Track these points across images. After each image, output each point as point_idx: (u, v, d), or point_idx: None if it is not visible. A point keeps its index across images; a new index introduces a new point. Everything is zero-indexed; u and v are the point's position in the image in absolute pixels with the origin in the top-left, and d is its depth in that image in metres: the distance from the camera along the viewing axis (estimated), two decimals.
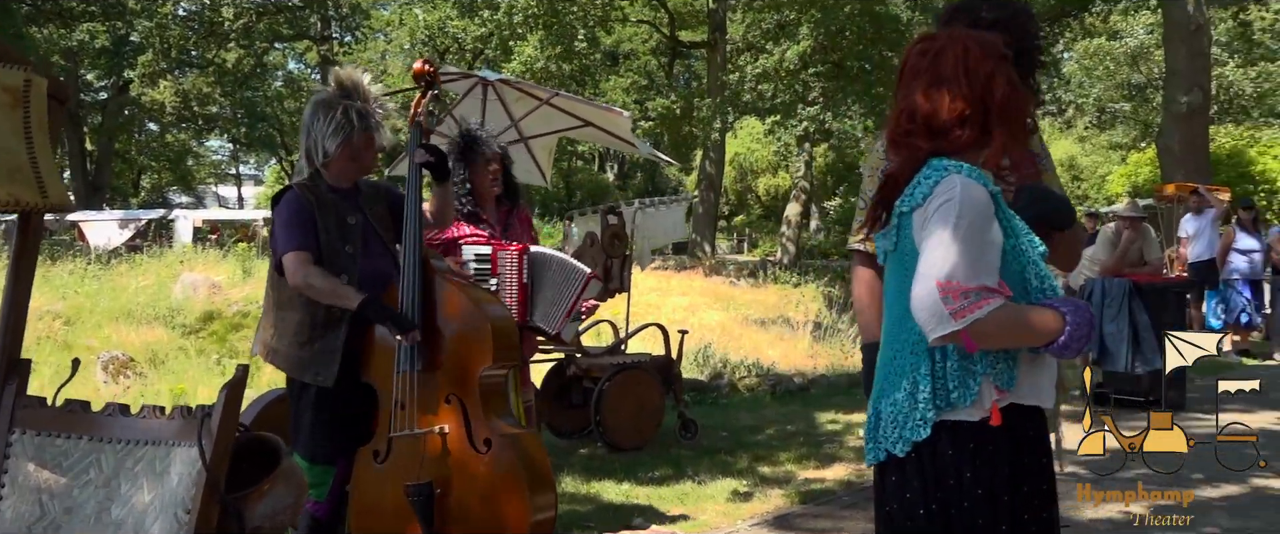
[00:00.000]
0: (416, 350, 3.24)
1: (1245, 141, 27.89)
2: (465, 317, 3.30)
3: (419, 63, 3.53)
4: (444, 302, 3.32)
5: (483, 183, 4.15)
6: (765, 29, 23.05)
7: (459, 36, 25.48)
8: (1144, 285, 7.59)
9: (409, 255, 3.29)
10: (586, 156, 43.51)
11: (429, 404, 3.23)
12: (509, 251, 4.09)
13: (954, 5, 2.54)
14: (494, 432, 3.16)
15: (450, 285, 3.36)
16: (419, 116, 3.47)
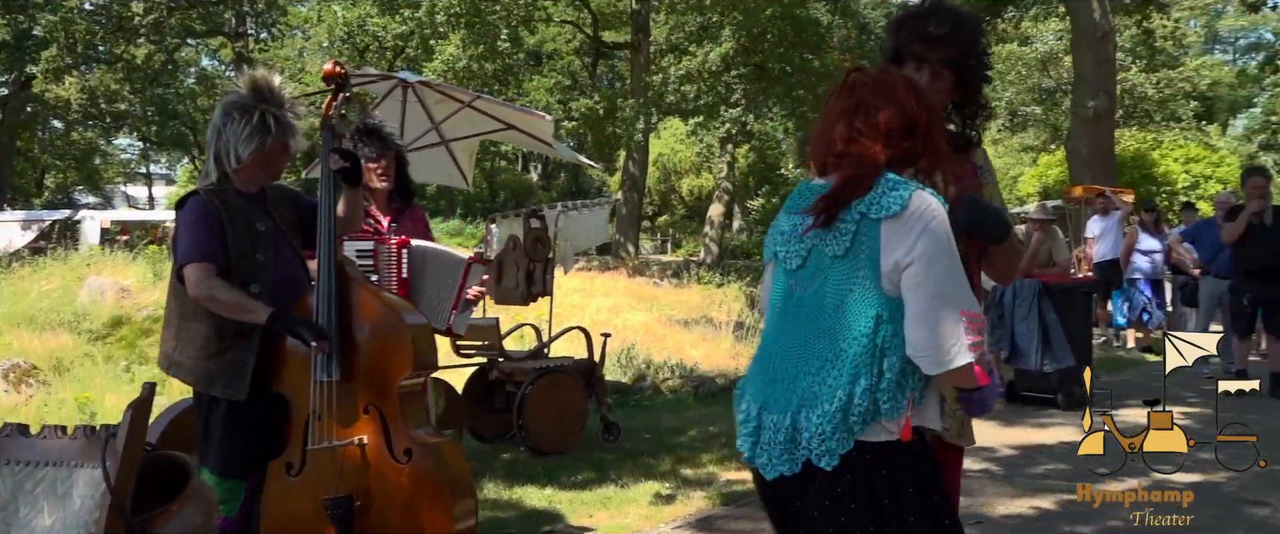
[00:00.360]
0: (334, 359, 3.17)
1: (1148, 144, 28.96)
2: (384, 325, 3.25)
3: (329, 64, 3.45)
4: (361, 309, 3.25)
5: (367, 176, 4.06)
6: (688, 31, 23.20)
7: (379, 35, 25.09)
8: (1053, 286, 7.82)
9: (324, 262, 3.22)
10: (510, 157, 43.27)
11: (347, 415, 3.17)
12: (388, 246, 4.03)
13: (900, 17, 2.53)
14: (414, 441, 3.13)
15: (367, 292, 3.30)
16: (331, 120, 3.39)
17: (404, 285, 4.03)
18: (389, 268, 4.03)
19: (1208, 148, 31.71)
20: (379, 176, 4.15)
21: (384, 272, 4.03)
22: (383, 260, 4.03)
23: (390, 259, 4.02)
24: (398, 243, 4.05)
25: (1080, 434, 6.77)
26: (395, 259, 4.03)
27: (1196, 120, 38.19)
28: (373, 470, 3.12)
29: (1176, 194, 24.92)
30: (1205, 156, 28.55)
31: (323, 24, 26.29)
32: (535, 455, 6.18)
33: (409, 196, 4.42)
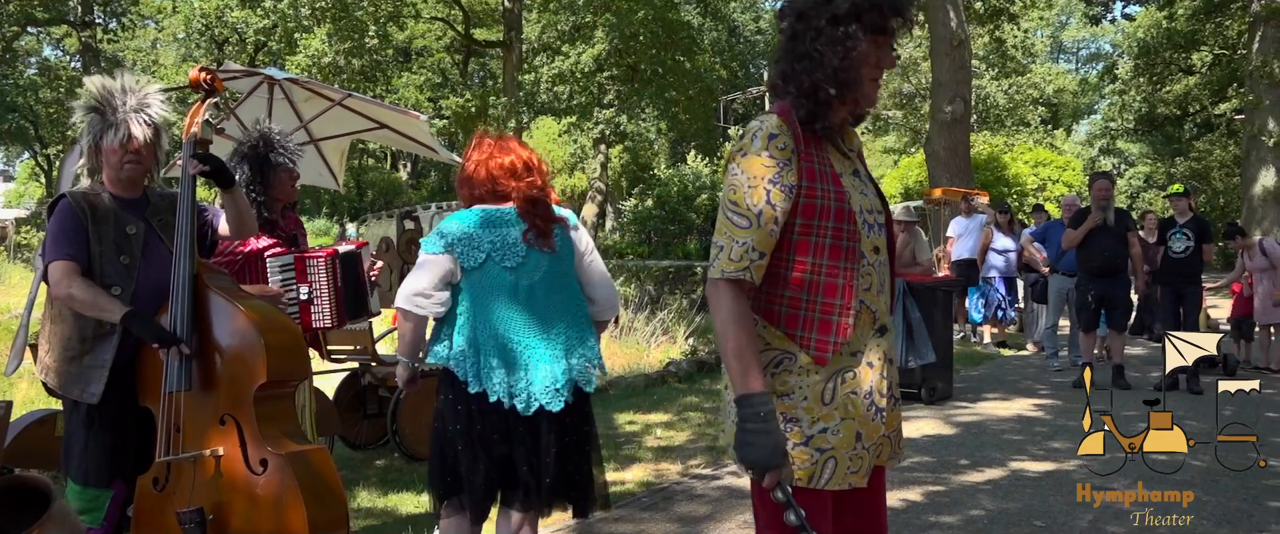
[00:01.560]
0: (187, 369, 3.08)
1: (1000, 148, 30.38)
2: (239, 332, 3.15)
3: (195, 71, 3.32)
4: (218, 316, 3.16)
5: (285, 191, 4.00)
6: (561, 31, 23.17)
7: (239, 27, 24.19)
8: (916, 285, 8.10)
9: (179, 268, 3.12)
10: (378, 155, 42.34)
11: (203, 426, 3.07)
12: (318, 259, 3.95)
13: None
14: (271, 451, 3.03)
15: (224, 299, 3.18)
16: (195, 129, 3.25)
17: (339, 293, 3.97)
18: (322, 279, 3.96)
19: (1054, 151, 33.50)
20: (293, 188, 4.07)
21: (317, 284, 3.96)
22: (313, 272, 3.97)
23: (323, 270, 3.98)
24: (326, 254, 3.98)
25: (944, 428, 7.08)
26: (330, 270, 4.03)
27: (1044, 126, 40.29)
28: (227, 482, 3.03)
29: (1026, 195, 26.22)
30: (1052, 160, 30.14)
31: (178, 15, 25.21)
32: (412, 461, 6.05)
33: (294, 205, 4.38)
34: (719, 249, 2.04)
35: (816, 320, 2.06)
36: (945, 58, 18.93)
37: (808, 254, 2.06)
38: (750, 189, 2.02)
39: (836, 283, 2.06)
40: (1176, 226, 8.81)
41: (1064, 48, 53.83)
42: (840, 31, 2.03)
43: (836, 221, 2.07)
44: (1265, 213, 20.09)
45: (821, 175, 2.08)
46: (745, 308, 2.02)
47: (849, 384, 2.10)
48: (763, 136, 2.05)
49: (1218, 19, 26.57)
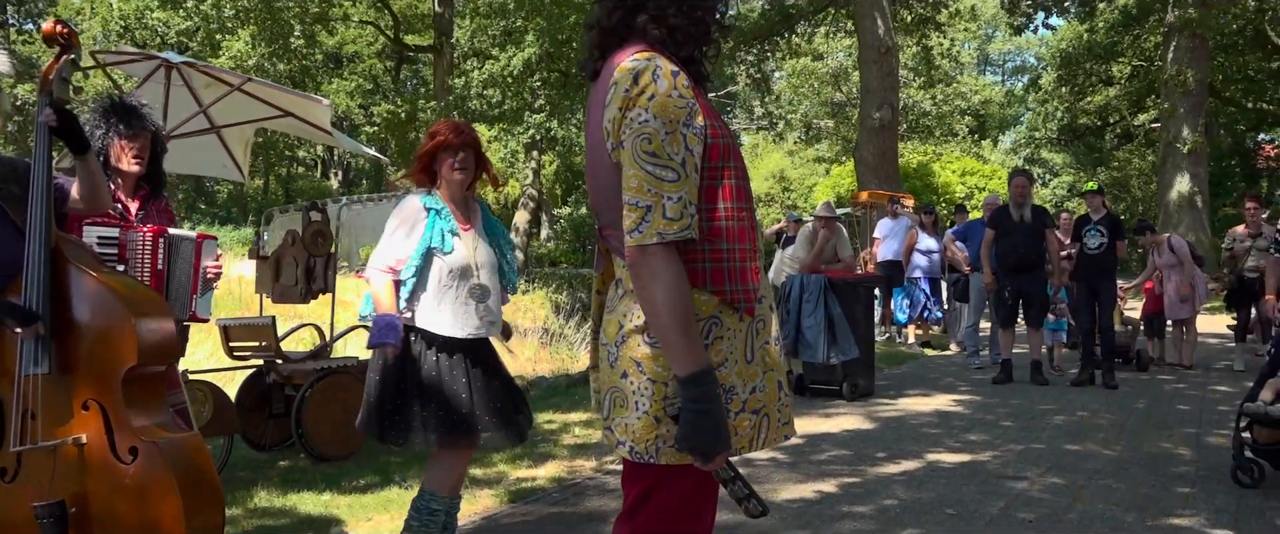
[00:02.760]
0: (44, 349, 2.83)
1: (929, 157, 30.87)
2: (104, 310, 2.91)
3: (50, 22, 3.08)
4: (79, 292, 2.91)
5: (122, 157, 3.71)
6: (492, 35, 22.94)
7: (160, 29, 23.54)
8: (838, 281, 8.09)
9: (35, 239, 2.87)
10: (308, 162, 41.59)
11: (62, 412, 2.83)
12: (140, 233, 3.66)
13: None
14: (141, 438, 2.82)
15: (87, 274, 2.95)
16: (51, 84, 3.03)
17: (158, 277, 3.68)
18: (140, 258, 3.66)
19: (981, 160, 34.12)
20: (133, 158, 3.76)
21: (134, 262, 3.66)
22: (133, 250, 3.66)
23: (141, 249, 3.65)
24: (151, 230, 3.69)
25: (864, 423, 7.06)
26: (149, 249, 3.67)
27: (971, 136, 41.05)
28: (92, 472, 2.79)
29: (955, 202, 26.62)
30: (979, 169, 30.69)
31: (96, 16, 24.44)
32: (316, 462, 5.84)
33: (159, 186, 4.02)
34: (645, 210, 1.80)
35: (738, 270, 1.91)
36: (873, 65, 19.17)
37: (718, 200, 1.89)
38: (669, 136, 1.81)
39: (744, 227, 1.92)
40: (1091, 224, 8.93)
41: (990, 60, 54.98)
42: None
43: (736, 161, 1.93)
44: (1181, 218, 20.63)
45: (713, 112, 1.94)
46: (684, 275, 1.82)
47: (763, 334, 1.96)
48: (665, 76, 1.84)
49: (1135, 31, 27.31)
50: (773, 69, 31.62)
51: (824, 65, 36.36)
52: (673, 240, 1.79)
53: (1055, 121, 32.83)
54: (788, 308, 8.11)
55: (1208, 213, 21.79)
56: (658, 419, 1.86)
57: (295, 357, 6.34)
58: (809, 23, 24.51)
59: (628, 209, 1.82)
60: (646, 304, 1.82)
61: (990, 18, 44.45)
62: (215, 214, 38.02)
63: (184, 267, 3.78)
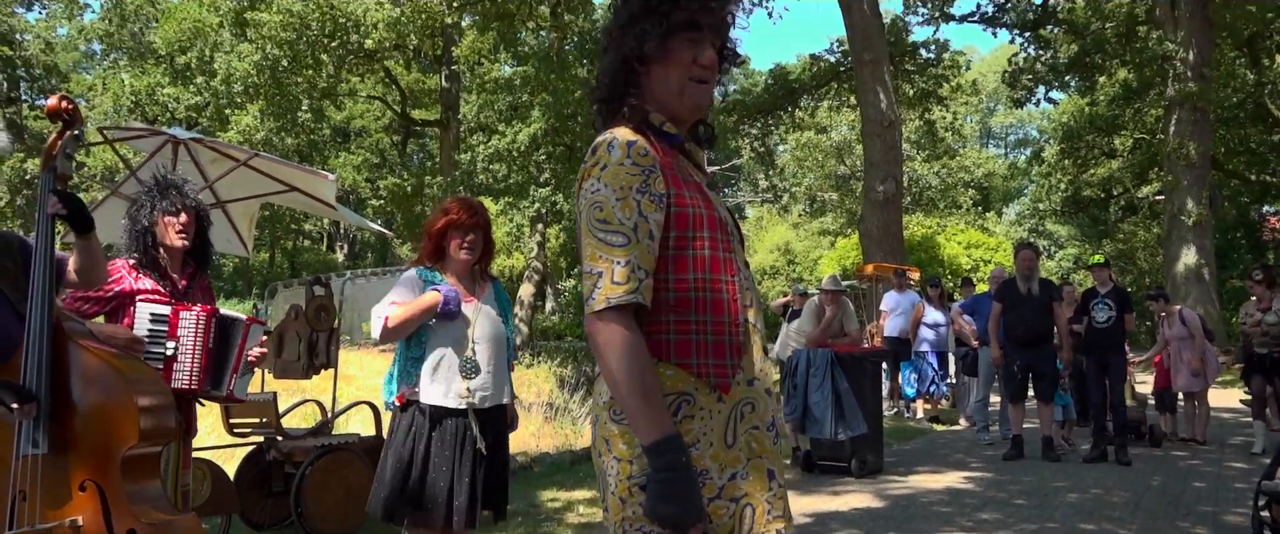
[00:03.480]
0: (40, 428, 2.77)
1: (933, 229, 30.95)
2: (105, 387, 2.86)
3: (54, 98, 3.08)
4: (79, 370, 2.86)
5: (167, 232, 3.72)
6: (498, 111, 23.20)
7: (170, 104, 23.85)
8: (844, 355, 8.00)
9: (36, 316, 2.83)
10: (314, 235, 41.80)
11: (59, 493, 2.75)
12: (192, 312, 3.68)
13: None
14: (139, 520, 2.74)
15: (86, 352, 2.90)
16: (54, 159, 3.01)
17: (208, 355, 3.69)
18: (193, 337, 3.67)
19: (986, 233, 34.20)
20: (177, 233, 3.78)
21: (185, 341, 3.66)
22: (186, 329, 3.66)
23: (195, 328, 3.66)
24: (205, 310, 3.70)
25: (873, 501, 6.91)
26: (202, 327, 3.69)
27: (975, 208, 41.21)
28: None
29: (961, 275, 26.61)
30: (984, 241, 30.78)
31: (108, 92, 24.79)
32: None
33: (205, 262, 4.04)
34: (597, 277, 1.77)
35: (709, 344, 1.84)
36: (877, 138, 19.31)
37: (687, 270, 1.84)
38: (620, 202, 1.79)
39: (722, 298, 1.85)
40: (1098, 296, 8.87)
41: (993, 133, 55.47)
42: (636, 30, 1.90)
43: (710, 231, 1.87)
44: (1188, 290, 20.55)
45: (687, 183, 1.89)
46: (641, 341, 1.76)
47: (749, 418, 1.87)
48: (620, 146, 1.83)
49: (1136, 105, 27.55)
50: (777, 142, 31.90)
51: (828, 138, 36.68)
52: (621, 305, 1.75)
53: (1059, 194, 32.97)
54: (794, 382, 8.02)
55: (1215, 285, 21.71)
56: (623, 499, 1.79)
57: (296, 433, 6.26)
58: (812, 97, 24.78)
59: (585, 278, 1.80)
60: (605, 372, 1.77)
61: (991, 91, 44.97)
62: (221, 287, 38.11)
63: (229, 346, 3.81)
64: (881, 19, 20.53)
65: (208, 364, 3.70)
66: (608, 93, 1.95)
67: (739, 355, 1.86)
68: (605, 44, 1.98)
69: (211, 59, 21.64)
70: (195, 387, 3.69)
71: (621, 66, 1.92)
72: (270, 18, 19.26)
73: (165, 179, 3.88)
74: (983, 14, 24.58)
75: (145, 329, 3.56)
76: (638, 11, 1.91)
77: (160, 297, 3.69)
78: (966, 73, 25.74)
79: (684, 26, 1.90)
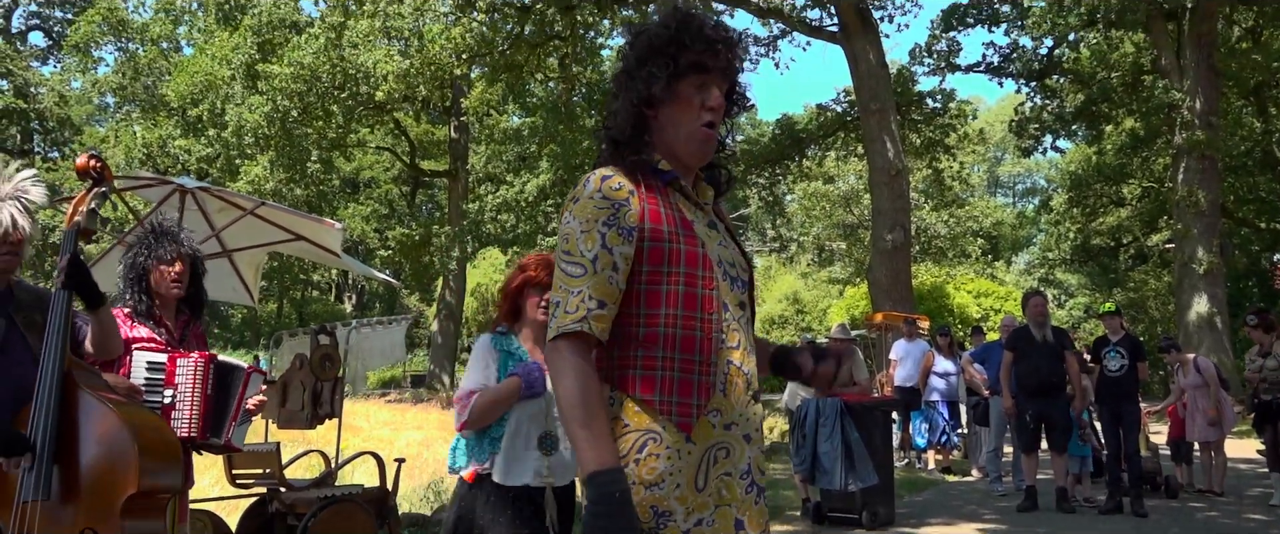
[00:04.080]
0: (43, 476, 2.75)
1: (942, 278, 30.87)
2: (109, 437, 2.84)
3: (83, 157, 3.10)
4: (87, 420, 2.85)
5: (161, 281, 3.70)
6: (507, 161, 23.36)
7: (181, 156, 24.05)
8: (854, 405, 7.91)
9: (47, 366, 2.83)
10: (322, 286, 41.89)
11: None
12: (190, 360, 3.64)
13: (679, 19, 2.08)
14: None
15: (96, 401, 2.89)
16: (79, 218, 3.02)
17: (207, 402, 3.65)
18: (191, 384, 3.64)
19: (995, 282, 34.10)
20: (172, 282, 3.75)
21: (183, 388, 3.63)
22: (184, 376, 3.63)
23: (193, 375, 3.63)
24: (202, 357, 3.67)
25: None
26: (201, 375, 3.65)
27: (985, 257, 41.15)
28: None
29: (970, 324, 26.48)
30: (994, 290, 30.66)
31: (120, 144, 25.03)
32: None
33: (199, 309, 4.01)
34: (556, 307, 1.80)
35: (676, 380, 1.81)
36: (884, 187, 19.32)
37: (659, 305, 1.83)
38: (584, 234, 1.81)
39: (694, 336, 1.83)
40: (1110, 345, 8.77)
41: (1001, 182, 55.58)
42: (644, 73, 1.91)
43: (689, 267, 1.85)
44: (1201, 339, 20.38)
45: (667, 218, 1.87)
46: (589, 369, 1.76)
47: (722, 464, 1.83)
48: (595, 179, 1.86)
49: (1144, 153, 27.59)
50: (784, 192, 31.97)
51: (835, 188, 36.76)
52: (571, 333, 1.76)
53: (1068, 242, 32.91)
54: (803, 432, 7.92)
55: (1228, 334, 21.54)
56: None
57: (299, 484, 6.18)
58: (819, 146, 24.87)
59: (550, 307, 1.83)
60: (556, 399, 1.78)
61: (999, 140, 45.13)
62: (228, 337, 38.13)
63: (228, 393, 3.77)
64: (888, 70, 20.65)
65: (207, 411, 3.65)
66: (616, 134, 1.95)
67: (707, 396, 1.83)
68: (614, 88, 1.99)
69: (223, 111, 21.86)
70: (195, 435, 3.64)
71: (631, 110, 1.93)
72: (281, 70, 19.48)
73: (160, 227, 3.85)
74: (988, 64, 24.72)
75: (142, 378, 3.53)
76: (644, 55, 1.92)
77: (156, 344, 3.66)
78: (973, 122, 25.85)
79: (691, 69, 1.91)
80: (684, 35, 1.91)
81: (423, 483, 8.80)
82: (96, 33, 28.49)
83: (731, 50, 1.95)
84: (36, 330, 3.01)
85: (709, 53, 1.92)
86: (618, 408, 1.81)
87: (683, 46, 1.91)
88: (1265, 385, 8.85)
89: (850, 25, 19.76)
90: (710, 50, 1.92)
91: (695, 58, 1.91)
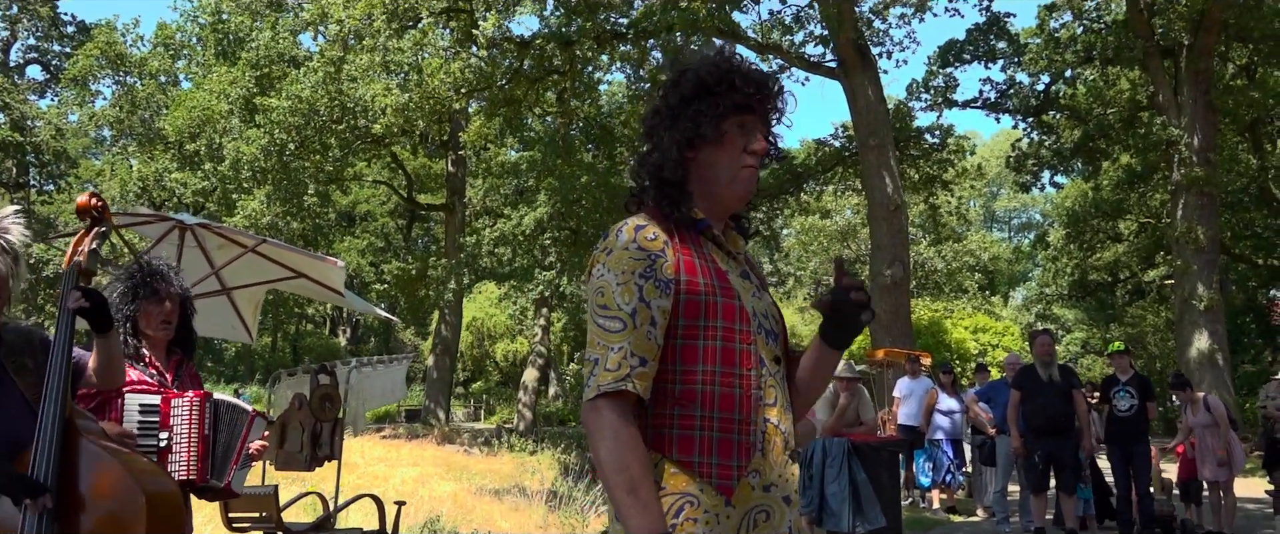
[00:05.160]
0: (47, 527, 2.62)
1: (940, 313, 30.81)
2: (114, 488, 2.72)
3: (84, 196, 3.02)
4: (88, 469, 2.73)
5: (149, 322, 3.58)
6: (504, 195, 23.30)
7: (177, 190, 23.96)
8: (861, 444, 7.79)
9: (49, 412, 2.72)
10: (316, 319, 41.68)
11: None
12: (184, 400, 3.53)
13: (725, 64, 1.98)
14: None
15: (98, 449, 2.78)
16: (79, 257, 2.93)
17: (204, 442, 3.54)
18: (186, 425, 3.52)
19: (993, 317, 34.03)
20: (160, 323, 3.64)
21: (179, 429, 3.52)
22: (178, 416, 3.51)
23: (188, 415, 3.52)
24: (198, 395, 3.56)
25: None
26: (196, 414, 3.53)
27: (982, 292, 41.11)
28: None
29: (968, 360, 26.38)
30: (991, 326, 30.62)
31: (115, 177, 24.95)
32: None
33: (191, 349, 3.90)
34: (593, 363, 1.71)
35: (715, 441, 1.72)
36: (883, 222, 19.28)
37: (696, 361, 1.74)
38: (621, 287, 1.72)
39: (733, 393, 1.74)
40: (1119, 385, 8.67)
41: (997, 217, 55.67)
42: (691, 111, 1.83)
43: (726, 321, 1.76)
44: (1203, 375, 20.27)
45: (703, 269, 1.79)
46: (633, 431, 1.67)
47: (763, 528, 1.75)
48: (629, 229, 1.78)
49: (1141, 189, 27.62)
50: (781, 226, 31.96)
51: (832, 223, 36.76)
52: (612, 392, 1.67)
53: (1065, 277, 32.88)
54: (810, 473, 7.79)
55: (1229, 370, 21.44)
56: None
57: (297, 528, 6.03)
58: (817, 181, 24.87)
59: (585, 365, 1.74)
60: (596, 463, 1.68)
61: (996, 175, 45.24)
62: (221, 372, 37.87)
63: (228, 435, 3.64)
64: (886, 105, 20.68)
65: (205, 453, 3.53)
66: (669, 174, 1.85)
67: (747, 457, 1.74)
68: (653, 124, 1.90)
69: (220, 145, 21.81)
70: (193, 477, 3.52)
71: (678, 150, 1.85)
72: (279, 103, 19.44)
73: (149, 266, 3.74)
74: (986, 100, 24.79)
75: (135, 422, 3.41)
76: (691, 93, 1.84)
77: (149, 386, 3.54)
78: (971, 158, 25.89)
79: (736, 110, 1.84)
80: (734, 75, 1.84)
81: (419, 522, 8.63)
82: (94, 66, 28.49)
83: (775, 96, 1.89)
84: (26, 374, 2.90)
85: (758, 94, 1.86)
86: (655, 470, 1.72)
87: (732, 86, 1.84)
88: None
89: (849, 61, 19.81)
90: (759, 92, 1.86)
91: (742, 99, 1.84)
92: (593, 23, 19.30)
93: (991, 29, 23.48)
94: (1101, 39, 22.88)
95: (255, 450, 3.80)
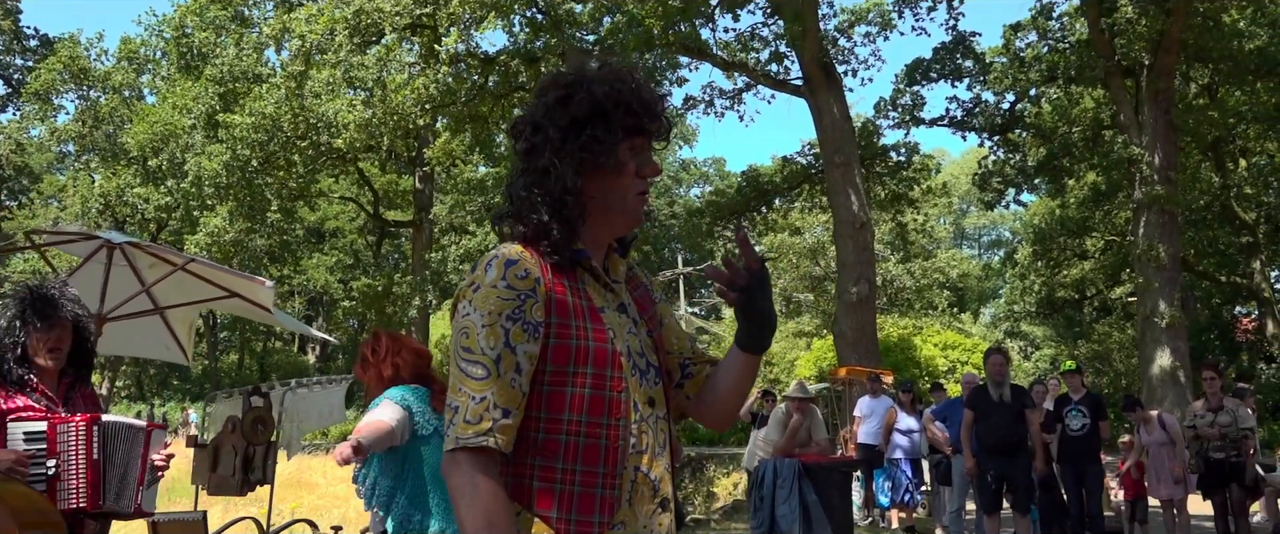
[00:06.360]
0: None
1: (909, 330, 30.87)
2: None
3: None
4: None
5: (36, 349, 3.42)
6: (470, 211, 23.19)
7: (139, 205, 23.68)
8: (812, 465, 7.73)
9: None
10: (285, 338, 41.27)
11: None
12: (71, 425, 3.37)
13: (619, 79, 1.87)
14: None
15: None
16: None
17: (94, 467, 3.38)
18: (73, 450, 3.36)
19: (962, 334, 34.14)
20: (47, 353, 3.48)
21: (66, 455, 3.36)
22: (64, 442, 3.36)
23: (75, 440, 3.36)
24: (84, 419, 3.40)
25: None
26: (83, 439, 3.37)
27: (951, 309, 41.27)
28: None
29: (939, 376, 26.41)
30: (960, 343, 30.67)
31: (77, 193, 24.64)
32: None
33: (87, 372, 3.74)
34: (454, 411, 1.60)
35: (576, 496, 1.63)
36: (849, 240, 19.28)
37: (563, 410, 1.64)
38: (486, 329, 1.61)
39: (598, 445, 1.64)
40: (1072, 404, 8.66)
41: (966, 234, 56.02)
42: (584, 136, 1.69)
43: (597, 367, 1.66)
44: (1165, 392, 20.39)
45: (576, 311, 1.68)
46: (495, 485, 1.57)
47: None
48: (498, 265, 1.65)
49: (1106, 207, 27.85)
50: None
51: (801, 240, 36.81)
52: (472, 447, 1.56)
53: (1033, 295, 33.06)
54: (761, 494, 7.73)
55: (1191, 388, 21.56)
56: None
57: None
58: (785, 199, 24.90)
59: (446, 411, 1.62)
60: (458, 521, 1.57)
61: (963, 193, 45.52)
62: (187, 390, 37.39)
63: (124, 455, 3.47)
64: (852, 122, 20.75)
65: (96, 479, 3.36)
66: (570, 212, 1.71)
67: (610, 512, 1.64)
68: (535, 143, 1.74)
69: (183, 160, 21.58)
70: (85, 505, 3.37)
71: (572, 177, 1.71)
72: (242, 119, 19.27)
73: (37, 290, 3.58)
74: (952, 118, 24.92)
75: (20, 450, 3.27)
76: (582, 115, 1.70)
77: (36, 413, 3.38)
78: (937, 176, 26.02)
79: (629, 133, 1.72)
80: (630, 97, 1.72)
81: None
82: (57, 81, 28.16)
83: (662, 115, 1.78)
84: None
85: (650, 116, 1.75)
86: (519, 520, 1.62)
87: (629, 108, 1.72)
88: (1221, 443, 8.75)
89: (814, 79, 19.86)
90: (649, 113, 1.74)
91: (635, 121, 1.73)
92: (558, 39, 19.27)
93: (957, 48, 23.62)
94: (1065, 58, 23.09)
95: (162, 461, 3.63)
